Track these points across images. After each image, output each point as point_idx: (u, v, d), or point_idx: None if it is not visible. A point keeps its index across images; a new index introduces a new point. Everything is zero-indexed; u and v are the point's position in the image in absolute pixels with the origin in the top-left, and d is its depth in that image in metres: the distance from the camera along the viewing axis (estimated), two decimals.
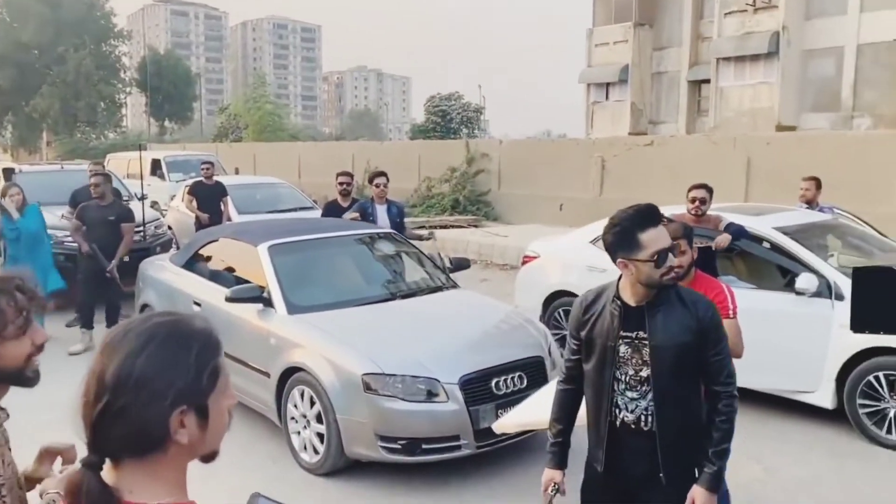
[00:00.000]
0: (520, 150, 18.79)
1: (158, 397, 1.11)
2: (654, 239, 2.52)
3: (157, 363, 1.11)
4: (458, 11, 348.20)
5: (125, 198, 10.15)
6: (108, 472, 1.13)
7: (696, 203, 5.71)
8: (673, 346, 2.56)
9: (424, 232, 7.68)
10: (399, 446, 4.45)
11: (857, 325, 2.10)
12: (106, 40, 45.36)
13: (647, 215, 2.56)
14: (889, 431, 5.14)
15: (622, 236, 2.56)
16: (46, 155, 39.45)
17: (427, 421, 4.49)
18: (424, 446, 4.48)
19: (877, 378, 5.17)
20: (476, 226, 16.68)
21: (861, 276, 2.18)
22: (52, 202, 9.25)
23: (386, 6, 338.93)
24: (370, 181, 7.41)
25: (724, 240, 5.56)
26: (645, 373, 2.60)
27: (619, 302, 2.63)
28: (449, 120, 37.82)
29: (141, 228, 9.44)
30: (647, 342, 2.59)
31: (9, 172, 10.52)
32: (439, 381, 4.52)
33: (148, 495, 1.11)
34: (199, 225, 9.78)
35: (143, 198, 9.93)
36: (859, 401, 5.24)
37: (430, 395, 4.51)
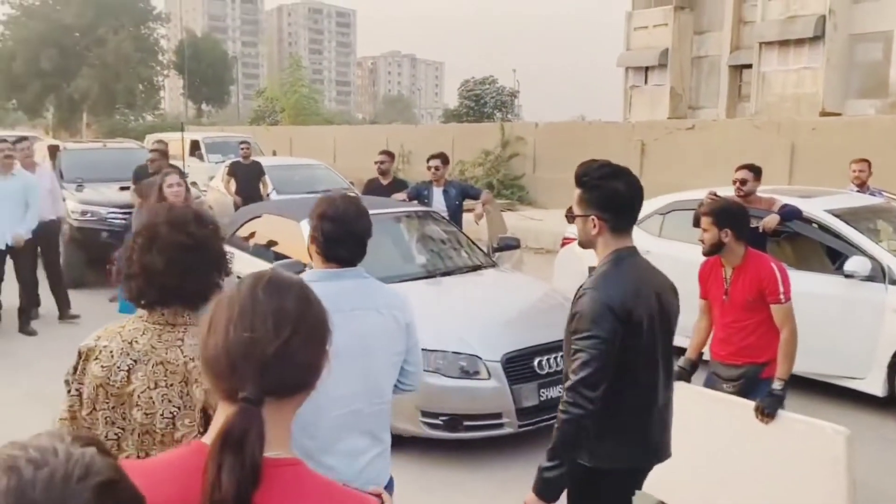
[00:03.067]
0: (556, 133, 18.60)
1: (326, 333, 1.21)
2: None
3: (320, 306, 1.22)
4: None
5: None
6: None
7: (737, 183, 5.63)
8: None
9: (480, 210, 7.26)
10: (441, 422, 4.43)
11: None
12: (144, 23, 45.86)
13: None
14: None
15: None
16: (86, 136, 40.11)
17: (468, 398, 4.46)
18: (466, 423, 4.46)
19: None
20: (510, 209, 16.57)
21: None
22: (95, 178, 9.41)
23: None
24: (427, 161, 7.27)
25: (771, 220, 5.43)
26: None
27: None
28: (483, 104, 37.57)
29: None
30: None
31: (54, 150, 10.70)
32: (481, 359, 4.49)
33: (278, 444, 1.14)
34: (236, 206, 9.84)
35: (184, 176, 10.02)
36: None
37: (472, 372, 4.48)
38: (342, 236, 2.34)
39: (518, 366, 4.53)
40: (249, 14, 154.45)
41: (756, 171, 5.71)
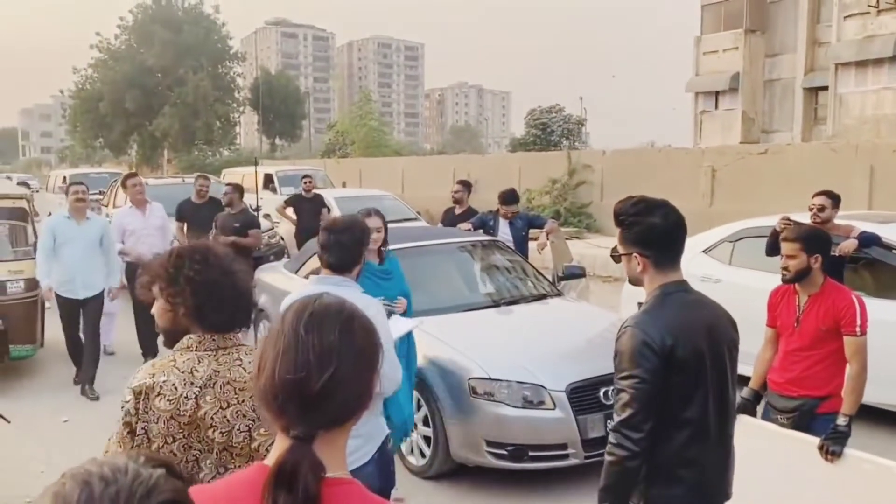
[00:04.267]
0: (624, 160, 18.43)
1: (374, 356, 1.22)
2: None
3: (366, 333, 1.22)
4: (559, 24, 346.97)
5: None
6: None
7: (814, 210, 5.48)
8: None
9: (543, 239, 7.17)
10: (506, 452, 4.42)
11: None
12: (222, 62, 47.66)
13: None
14: None
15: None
16: (167, 171, 41.85)
17: (533, 428, 4.44)
18: (531, 454, 4.44)
19: None
20: (578, 237, 16.45)
21: None
22: (172, 213, 9.78)
23: (486, 22, 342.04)
24: (501, 203, 7.23)
25: (849, 245, 5.26)
26: None
27: None
28: (549, 133, 37.51)
29: None
30: None
31: None
32: (545, 388, 4.47)
33: (335, 466, 1.19)
34: (299, 233, 10.05)
35: (257, 209, 10.36)
36: None
37: (537, 402, 4.47)
38: (329, 244, 3.00)
39: (583, 396, 4.49)
40: (321, 51, 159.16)
41: (835, 199, 5.55)
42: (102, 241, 6.59)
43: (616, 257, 2.46)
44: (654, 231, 2.32)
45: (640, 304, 2.43)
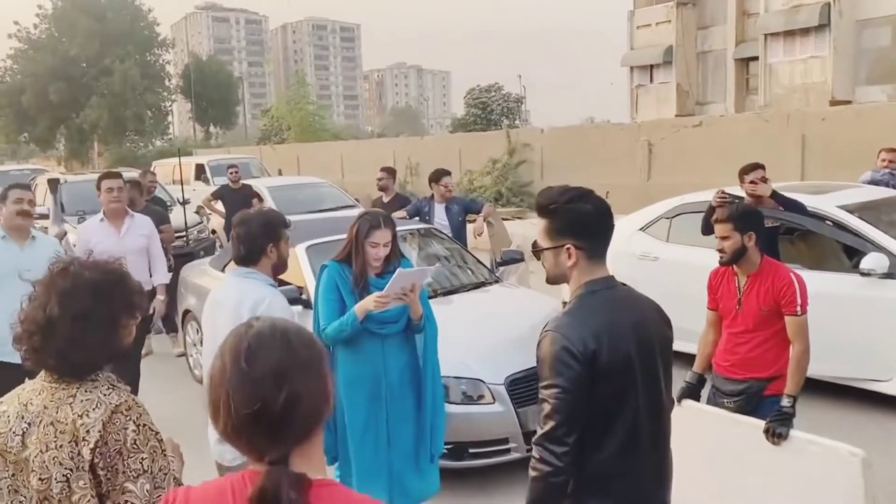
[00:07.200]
0: (563, 138, 18.41)
1: (320, 365, 1.24)
2: None
3: (305, 344, 1.24)
4: (495, 3, 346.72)
5: (168, 203, 10.18)
6: None
7: (755, 183, 5.27)
8: None
9: (480, 224, 6.86)
10: (445, 451, 4.24)
11: None
12: (150, 50, 46.18)
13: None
14: None
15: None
16: (98, 165, 40.36)
17: (472, 423, 4.28)
18: (471, 450, 4.28)
19: None
20: (520, 217, 16.39)
21: None
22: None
23: (422, 1, 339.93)
24: (436, 180, 6.93)
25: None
26: None
27: None
28: (489, 112, 37.51)
29: (184, 234, 9.43)
30: None
31: (54, 183, 10.63)
32: (484, 382, 4.31)
33: (315, 471, 1.22)
34: (228, 226, 9.63)
35: (184, 202, 9.94)
36: None
37: (475, 397, 4.31)
38: (231, 238, 3.15)
39: (523, 387, 4.34)
40: (254, 34, 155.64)
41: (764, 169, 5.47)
42: None
43: (538, 252, 2.25)
44: (588, 219, 2.12)
45: (564, 303, 2.24)
